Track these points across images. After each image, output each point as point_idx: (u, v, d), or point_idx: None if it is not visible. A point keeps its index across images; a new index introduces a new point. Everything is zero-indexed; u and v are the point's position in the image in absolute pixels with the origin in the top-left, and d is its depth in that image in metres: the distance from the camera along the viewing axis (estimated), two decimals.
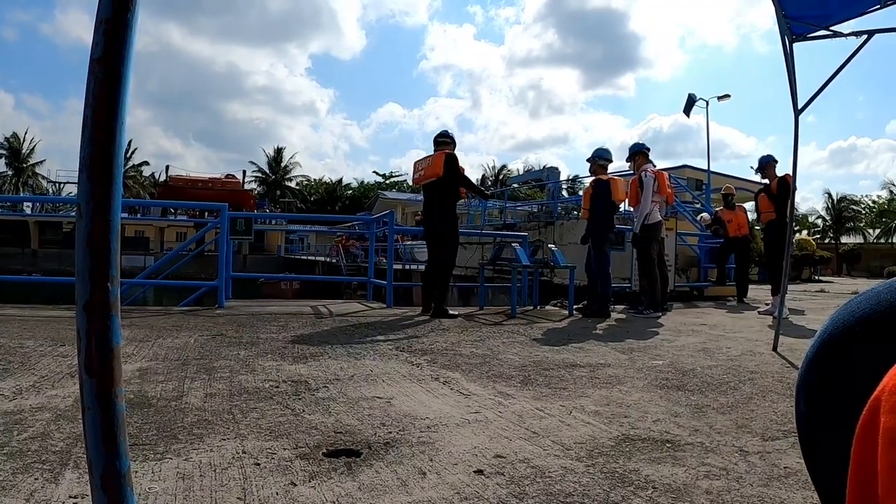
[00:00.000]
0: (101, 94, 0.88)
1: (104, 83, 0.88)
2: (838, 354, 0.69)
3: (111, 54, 0.89)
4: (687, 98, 25.79)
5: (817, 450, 0.72)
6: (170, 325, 6.08)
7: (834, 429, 0.67)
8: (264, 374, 3.94)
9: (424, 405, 3.33)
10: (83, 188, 0.87)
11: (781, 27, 5.48)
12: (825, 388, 0.71)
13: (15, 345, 4.61)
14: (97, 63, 0.89)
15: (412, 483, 2.20)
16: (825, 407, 0.70)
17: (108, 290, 0.87)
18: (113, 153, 0.88)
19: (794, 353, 5.30)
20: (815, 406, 0.72)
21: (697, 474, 2.35)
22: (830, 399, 0.69)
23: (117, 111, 0.88)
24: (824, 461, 0.70)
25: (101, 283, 0.86)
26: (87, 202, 0.86)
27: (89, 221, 0.86)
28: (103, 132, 0.88)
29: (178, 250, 12.31)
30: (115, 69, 0.89)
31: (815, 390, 0.72)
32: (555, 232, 16.40)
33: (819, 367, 0.71)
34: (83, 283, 0.86)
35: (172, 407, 3.09)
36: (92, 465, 0.89)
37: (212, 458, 2.39)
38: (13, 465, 2.24)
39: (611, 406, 3.42)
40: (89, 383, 0.87)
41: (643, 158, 9.53)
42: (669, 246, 11.64)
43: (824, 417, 0.70)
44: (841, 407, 0.65)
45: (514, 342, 5.71)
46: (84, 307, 0.86)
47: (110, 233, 0.87)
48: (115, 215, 0.88)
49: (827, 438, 0.69)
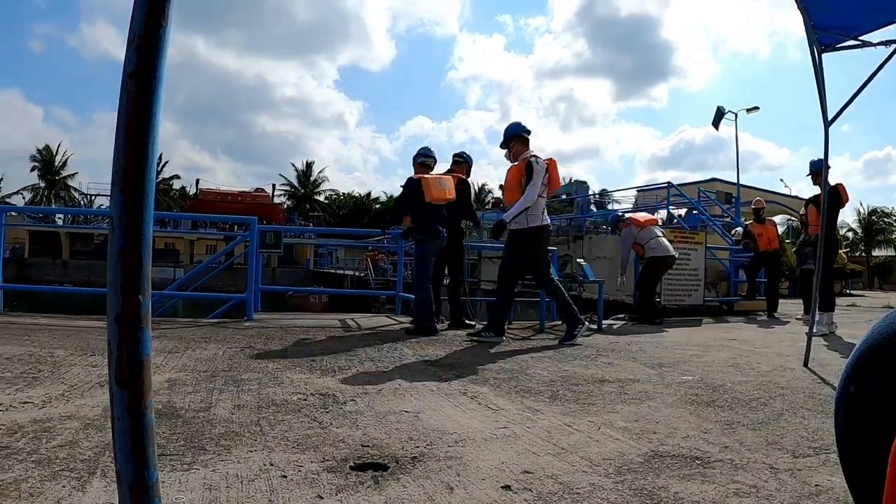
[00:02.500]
0: (134, 109, 0.90)
1: (137, 98, 0.90)
2: (878, 366, 0.68)
3: (144, 69, 0.90)
4: (716, 111, 25.74)
5: (855, 462, 0.71)
6: (199, 336, 6.13)
7: (872, 441, 0.66)
8: (292, 386, 3.95)
9: (452, 420, 3.32)
10: (116, 201, 0.88)
11: (810, 37, 5.44)
12: (863, 400, 0.69)
13: (45, 354, 4.67)
14: (130, 78, 0.90)
15: (439, 498, 2.19)
16: (863, 418, 0.69)
17: (139, 303, 0.87)
18: (145, 167, 0.89)
19: (825, 369, 5.22)
20: (853, 417, 0.71)
21: (727, 491, 2.32)
22: (869, 411, 0.68)
23: (150, 125, 0.89)
24: (862, 473, 0.69)
25: (133, 295, 0.87)
26: (120, 215, 0.88)
27: (122, 234, 0.87)
28: (136, 146, 0.89)
29: (207, 263, 12.41)
30: (147, 84, 0.90)
31: (853, 402, 0.71)
32: (584, 246, 16.34)
33: (858, 378, 0.70)
34: (115, 296, 0.87)
35: (200, 418, 3.11)
36: (120, 475, 0.90)
37: (239, 469, 2.40)
38: (41, 473, 2.26)
39: (640, 422, 3.39)
40: (119, 394, 0.88)
41: (521, 145, 7.37)
42: (699, 260, 11.55)
43: (862, 429, 0.69)
44: (879, 418, 0.64)
45: (542, 357, 5.68)
46: (115, 319, 0.87)
47: (142, 246, 0.88)
48: (147, 228, 0.89)
49: (865, 450, 0.68)
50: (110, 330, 0.87)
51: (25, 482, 2.16)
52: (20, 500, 2.01)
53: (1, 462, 2.36)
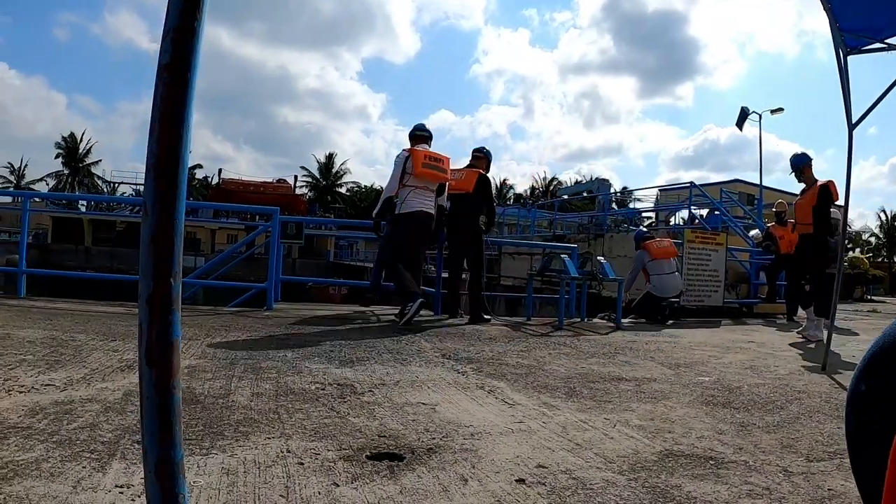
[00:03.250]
0: (168, 100, 0.93)
1: (172, 89, 0.92)
2: (889, 367, 0.69)
3: (179, 61, 0.93)
4: (740, 111, 25.54)
5: (863, 461, 0.72)
6: (219, 324, 6.19)
7: (880, 439, 0.67)
8: (311, 376, 3.99)
9: (469, 413, 3.34)
10: (150, 188, 0.91)
11: (836, 40, 5.40)
12: (873, 400, 0.71)
13: (67, 338, 4.74)
14: (165, 69, 0.93)
15: (453, 489, 2.22)
16: (872, 418, 0.70)
17: (170, 286, 0.90)
18: (179, 156, 0.91)
19: (843, 375, 5.19)
20: (863, 417, 0.72)
21: (740, 493, 2.33)
22: (878, 410, 0.69)
23: (183, 116, 0.92)
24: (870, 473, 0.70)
25: (164, 278, 0.90)
26: (154, 202, 0.90)
27: (154, 220, 0.90)
28: (169, 136, 0.91)
29: (229, 252, 12.49)
30: (182, 75, 0.93)
31: (862, 401, 0.72)
32: (604, 244, 16.30)
33: (868, 379, 0.72)
34: (147, 278, 0.90)
35: (219, 404, 3.15)
36: (147, 453, 0.93)
37: (256, 455, 2.44)
38: (62, 453, 2.31)
39: (655, 421, 3.39)
40: (149, 373, 0.90)
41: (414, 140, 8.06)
42: (719, 261, 11.50)
43: (870, 429, 0.70)
44: (889, 418, 0.65)
45: (560, 353, 5.69)
46: (147, 300, 0.90)
47: (174, 231, 0.91)
48: (179, 215, 0.92)
49: (873, 448, 0.69)
50: (141, 311, 0.90)
51: (46, 462, 2.21)
52: (41, 479, 2.06)
53: (22, 442, 2.40)
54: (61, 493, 1.95)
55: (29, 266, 8.64)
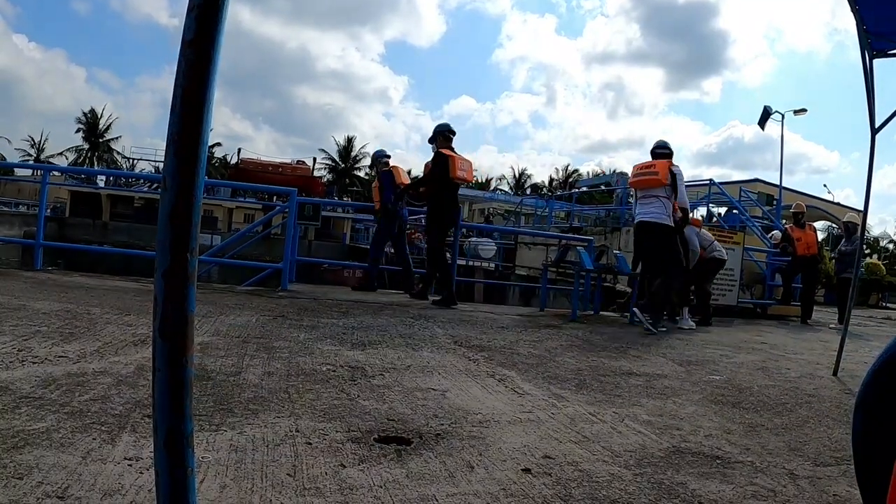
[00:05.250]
0: (191, 76, 0.93)
1: (195, 65, 0.93)
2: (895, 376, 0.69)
3: (202, 38, 0.93)
4: (762, 110, 25.32)
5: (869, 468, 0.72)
6: (233, 303, 6.22)
7: (885, 447, 0.67)
8: (322, 357, 4.01)
9: (478, 400, 3.35)
10: (169, 163, 0.92)
11: (862, 42, 5.34)
12: (881, 406, 0.70)
13: (82, 311, 4.78)
14: (188, 46, 0.93)
15: (459, 476, 2.23)
16: (880, 424, 0.70)
17: (187, 260, 0.91)
18: (200, 132, 0.92)
19: (854, 380, 5.15)
20: (870, 423, 0.72)
21: (745, 493, 2.33)
22: (885, 416, 0.69)
23: (205, 93, 0.93)
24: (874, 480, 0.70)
25: (182, 252, 0.91)
26: (173, 177, 0.91)
27: (174, 195, 0.91)
28: (191, 113, 0.92)
29: (245, 231, 12.58)
30: (206, 52, 0.93)
31: (871, 407, 0.72)
32: (620, 238, 16.24)
33: (877, 385, 0.71)
34: (164, 253, 0.91)
35: (230, 382, 3.17)
36: (157, 425, 0.94)
37: (265, 433, 2.46)
38: (73, 424, 2.33)
39: (664, 417, 3.39)
40: (162, 346, 0.91)
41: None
42: (735, 260, 11.43)
43: (878, 435, 0.70)
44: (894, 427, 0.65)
45: (571, 345, 5.69)
46: (163, 274, 0.91)
47: (192, 207, 0.91)
48: (198, 191, 0.92)
49: (878, 456, 0.69)
50: (157, 285, 0.91)
51: (57, 432, 2.24)
52: (51, 448, 2.08)
53: (34, 412, 2.43)
54: (70, 464, 1.98)
55: (46, 240, 8.71)
